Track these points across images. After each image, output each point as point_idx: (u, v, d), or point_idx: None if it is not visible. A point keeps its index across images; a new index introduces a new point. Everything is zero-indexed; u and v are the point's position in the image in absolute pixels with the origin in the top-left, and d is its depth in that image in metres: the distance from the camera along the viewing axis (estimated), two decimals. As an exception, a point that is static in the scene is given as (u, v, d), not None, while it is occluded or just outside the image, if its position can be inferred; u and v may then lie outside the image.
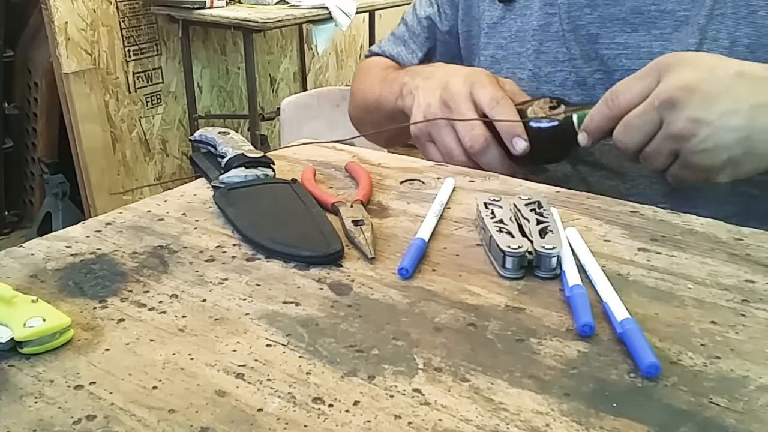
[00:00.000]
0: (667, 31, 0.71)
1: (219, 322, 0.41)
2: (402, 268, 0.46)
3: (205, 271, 0.47)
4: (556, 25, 0.76)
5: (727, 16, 0.68)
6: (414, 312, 0.42)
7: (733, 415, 0.33)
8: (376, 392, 0.35)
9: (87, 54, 2.30)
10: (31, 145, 2.54)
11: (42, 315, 0.39)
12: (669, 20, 0.71)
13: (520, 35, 0.80)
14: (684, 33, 0.70)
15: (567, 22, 0.75)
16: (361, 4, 2.58)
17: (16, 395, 0.35)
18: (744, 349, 0.38)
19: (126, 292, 0.44)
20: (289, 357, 0.38)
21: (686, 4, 0.70)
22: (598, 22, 0.74)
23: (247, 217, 0.53)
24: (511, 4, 0.81)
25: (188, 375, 0.36)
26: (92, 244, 0.51)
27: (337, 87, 2.73)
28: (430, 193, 0.60)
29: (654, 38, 0.71)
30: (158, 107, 2.61)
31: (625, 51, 0.72)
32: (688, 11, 0.70)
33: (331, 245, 0.48)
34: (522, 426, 0.33)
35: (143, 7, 2.44)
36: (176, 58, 2.62)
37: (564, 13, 0.76)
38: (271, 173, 0.60)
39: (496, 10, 0.82)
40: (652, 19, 0.71)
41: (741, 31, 0.67)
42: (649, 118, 0.58)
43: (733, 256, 0.48)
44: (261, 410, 0.34)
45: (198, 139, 0.66)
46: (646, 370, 0.36)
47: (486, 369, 0.37)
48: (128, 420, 0.33)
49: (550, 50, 0.77)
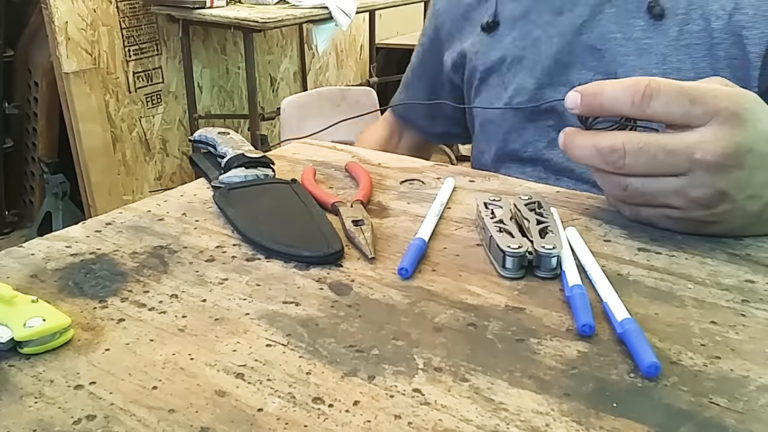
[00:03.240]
0: (631, 59, 0.71)
1: (219, 322, 0.41)
2: (402, 268, 0.46)
3: (205, 271, 0.47)
4: (529, 56, 0.77)
5: (692, 47, 0.68)
6: (414, 312, 0.42)
7: (733, 415, 0.33)
8: (376, 392, 0.35)
9: (87, 54, 2.30)
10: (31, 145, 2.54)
11: (42, 315, 0.39)
12: (632, 48, 0.71)
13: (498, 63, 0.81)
14: (647, 61, 0.70)
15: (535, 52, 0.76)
16: (361, 4, 2.58)
17: (16, 395, 0.35)
18: (744, 349, 0.38)
19: (126, 292, 0.44)
20: (289, 357, 0.38)
21: (650, 32, 0.70)
22: (567, 50, 0.74)
23: (247, 218, 0.53)
24: (492, 34, 0.81)
25: (188, 375, 0.36)
26: (92, 244, 0.51)
27: (337, 87, 2.73)
28: (430, 193, 0.60)
29: (618, 65, 0.71)
30: (158, 107, 2.61)
31: (594, 78, 0.72)
32: (651, 39, 0.70)
33: (331, 245, 0.48)
34: (522, 426, 0.33)
35: (143, 7, 2.44)
36: (176, 58, 2.62)
37: (531, 44, 0.77)
38: (271, 173, 0.60)
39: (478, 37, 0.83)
40: (617, 46, 0.71)
41: (705, 62, 0.67)
42: (676, 163, 0.46)
43: (733, 256, 0.48)
44: (261, 410, 0.34)
45: (198, 139, 0.66)
46: (646, 370, 0.36)
47: (486, 369, 0.37)
48: (128, 420, 0.33)
49: (523, 79, 0.78)
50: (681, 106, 0.45)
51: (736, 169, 0.46)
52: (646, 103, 0.46)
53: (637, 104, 0.46)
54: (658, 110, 0.46)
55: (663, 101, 0.46)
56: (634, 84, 0.47)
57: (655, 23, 0.70)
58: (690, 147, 0.45)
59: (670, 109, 0.46)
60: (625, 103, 0.47)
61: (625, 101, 0.46)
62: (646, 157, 0.46)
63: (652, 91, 0.46)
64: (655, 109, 0.46)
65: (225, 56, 2.84)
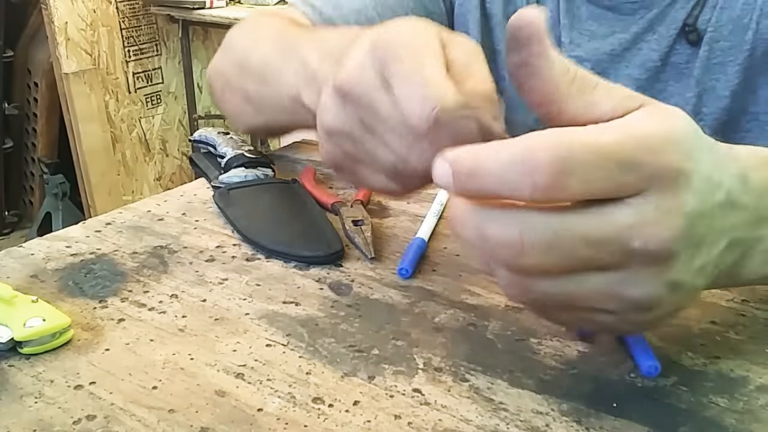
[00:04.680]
0: (671, 84, 0.68)
1: (219, 322, 0.41)
2: (402, 268, 0.46)
3: (205, 271, 0.47)
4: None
5: (726, 64, 0.65)
6: (414, 312, 0.42)
7: (732, 415, 0.33)
8: (376, 392, 0.35)
9: (87, 54, 2.30)
10: (31, 146, 2.54)
11: (42, 315, 0.39)
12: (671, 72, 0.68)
13: None
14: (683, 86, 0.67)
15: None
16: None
17: (16, 395, 0.35)
18: (744, 349, 0.38)
19: (126, 292, 0.44)
20: (289, 357, 0.38)
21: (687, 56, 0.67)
22: None
23: (248, 217, 0.53)
24: None
25: (188, 375, 0.36)
26: (92, 244, 0.51)
27: (337, 87, 2.71)
28: (430, 193, 0.60)
29: (657, 92, 0.68)
30: (158, 107, 2.61)
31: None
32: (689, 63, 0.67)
33: (331, 245, 0.48)
34: (522, 426, 0.33)
35: (143, 8, 2.44)
36: (176, 59, 2.62)
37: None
38: (271, 173, 0.60)
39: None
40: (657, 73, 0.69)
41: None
42: (603, 257, 0.31)
43: (733, 256, 0.48)
44: (261, 410, 0.34)
45: (198, 139, 0.66)
46: (646, 370, 0.36)
47: (486, 369, 0.37)
48: (128, 420, 0.33)
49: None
50: (606, 176, 0.29)
51: (687, 249, 0.31)
52: (557, 183, 0.29)
53: (541, 188, 0.29)
54: (574, 190, 0.29)
55: (580, 176, 0.29)
56: (529, 156, 0.29)
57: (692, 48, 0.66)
58: (623, 233, 0.30)
59: (591, 185, 0.29)
60: (521, 188, 0.29)
61: (522, 185, 0.29)
62: (558, 253, 0.30)
63: (562, 165, 0.29)
64: (571, 189, 0.29)
65: (225, 56, 2.83)
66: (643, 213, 0.30)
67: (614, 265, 0.31)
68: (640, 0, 0.68)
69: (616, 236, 0.30)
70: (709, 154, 0.32)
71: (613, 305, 0.32)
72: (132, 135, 2.55)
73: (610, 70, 0.70)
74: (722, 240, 0.33)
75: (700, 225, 0.31)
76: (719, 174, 0.32)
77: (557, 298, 0.32)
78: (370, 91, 0.38)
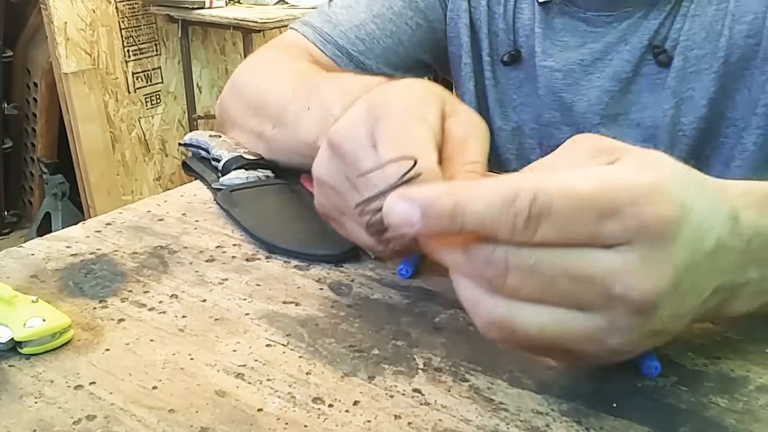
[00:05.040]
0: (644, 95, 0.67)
1: (219, 322, 0.41)
2: (402, 268, 0.46)
3: (205, 271, 0.47)
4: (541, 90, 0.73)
5: (700, 73, 0.65)
6: (414, 312, 0.42)
7: (732, 415, 0.33)
8: (376, 392, 0.35)
9: (86, 54, 2.30)
10: (31, 146, 2.54)
11: (42, 315, 0.39)
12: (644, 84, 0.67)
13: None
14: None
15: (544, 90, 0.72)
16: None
17: (16, 395, 0.35)
18: (744, 349, 0.38)
19: (126, 292, 0.44)
20: (289, 357, 0.38)
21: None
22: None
23: (255, 218, 0.53)
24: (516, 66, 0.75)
25: (188, 375, 0.36)
26: (92, 244, 0.51)
27: (336, 87, 2.71)
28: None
29: (630, 104, 0.67)
30: (158, 107, 2.61)
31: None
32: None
33: (345, 244, 0.48)
34: (522, 426, 0.33)
35: (143, 7, 2.44)
36: (176, 58, 2.62)
37: (544, 81, 0.72)
38: (271, 174, 0.60)
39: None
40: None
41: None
42: (584, 296, 0.30)
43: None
44: (261, 410, 0.34)
45: (189, 142, 0.65)
46: (646, 370, 0.36)
47: (486, 369, 0.37)
48: (128, 420, 0.33)
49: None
50: (586, 224, 0.29)
51: (671, 300, 0.31)
52: (533, 227, 0.29)
53: (520, 230, 0.29)
54: (551, 236, 0.29)
55: (559, 222, 0.29)
56: (510, 197, 0.29)
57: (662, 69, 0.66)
58: (606, 277, 0.30)
59: (570, 232, 0.29)
60: (500, 229, 0.30)
61: (501, 226, 0.30)
62: (540, 279, 0.30)
63: (540, 210, 0.29)
64: (548, 235, 0.29)
65: (224, 56, 2.83)
66: (628, 261, 0.29)
67: (596, 306, 0.30)
68: (615, 13, 0.68)
69: (598, 278, 0.30)
70: (700, 197, 0.31)
71: (593, 348, 0.32)
72: (131, 135, 2.55)
73: (582, 81, 0.70)
74: (708, 287, 0.33)
75: (687, 277, 0.31)
76: (711, 219, 0.32)
77: (528, 333, 0.31)
78: (356, 148, 0.40)
